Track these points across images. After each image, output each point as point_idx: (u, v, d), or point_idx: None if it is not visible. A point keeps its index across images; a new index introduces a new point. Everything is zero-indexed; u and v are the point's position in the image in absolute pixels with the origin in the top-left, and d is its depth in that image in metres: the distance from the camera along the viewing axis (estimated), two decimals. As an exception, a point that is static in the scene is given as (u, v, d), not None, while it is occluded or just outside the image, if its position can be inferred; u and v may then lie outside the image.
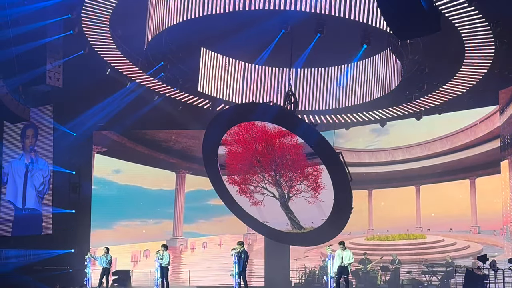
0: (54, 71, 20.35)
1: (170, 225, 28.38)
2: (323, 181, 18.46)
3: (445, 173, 24.81)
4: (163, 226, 28.34)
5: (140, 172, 28.40)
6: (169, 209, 28.46)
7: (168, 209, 28.45)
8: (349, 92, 23.19)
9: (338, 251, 17.92)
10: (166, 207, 28.42)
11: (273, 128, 18.65)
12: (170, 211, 28.45)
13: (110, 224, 28.13)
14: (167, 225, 28.36)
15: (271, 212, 19.98)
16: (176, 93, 24.69)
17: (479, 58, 20.09)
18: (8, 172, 27.64)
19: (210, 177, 20.78)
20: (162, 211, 28.44)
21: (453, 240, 24.60)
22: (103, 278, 21.31)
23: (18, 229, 27.03)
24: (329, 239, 19.41)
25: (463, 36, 18.59)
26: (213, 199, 26.20)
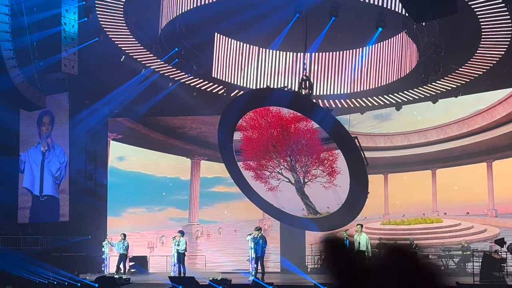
0: (69, 58, 20.42)
1: (185, 211, 28.48)
2: (338, 166, 18.40)
3: (461, 156, 24.65)
4: (178, 212, 28.45)
5: (154, 159, 28.53)
6: (184, 195, 28.55)
7: (182, 195, 28.54)
8: (364, 76, 23.07)
9: (355, 235, 17.85)
10: (181, 193, 28.52)
11: (288, 113, 18.58)
12: (184, 198, 28.54)
13: (125, 210, 28.30)
14: (181, 211, 28.46)
15: (286, 197, 19.97)
16: (191, 79, 24.69)
17: (496, 40, 19.89)
18: (25, 160, 27.81)
19: (225, 163, 20.79)
20: (177, 198, 28.54)
21: (470, 223, 24.49)
22: (120, 264, 21.47)
23: (36, 216, 27.24)
24: (345, 224, 19.39)
25: (479, 17, 18.40)
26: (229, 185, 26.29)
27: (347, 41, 22.15)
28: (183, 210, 28.50)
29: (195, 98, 25.49)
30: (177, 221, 28.10)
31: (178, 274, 19.98)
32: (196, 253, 27.49)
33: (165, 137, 28.50)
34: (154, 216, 28.43)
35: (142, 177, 28.51)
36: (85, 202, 26.46)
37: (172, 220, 28.18)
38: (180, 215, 28.41)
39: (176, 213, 28.45)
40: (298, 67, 22.66)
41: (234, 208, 27.55)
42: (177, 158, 28.64)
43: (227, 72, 23.40)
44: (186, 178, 28.70)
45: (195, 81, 24.82)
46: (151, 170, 28.72)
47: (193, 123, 28.46)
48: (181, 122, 28.64)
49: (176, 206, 28.57)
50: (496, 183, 23.80)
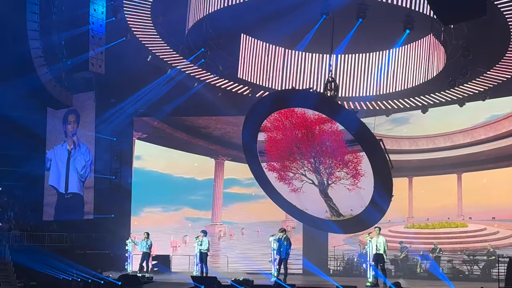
0: (97, 57, 20.59)
1: (208, 211, 28.56)
2: (363, 168, 18.24)
3: (488, 160, 24.36)
4: (201, 213, 28.52)
5: (176, 159, 28.67)
6: (208, 196, 28.64)
7: (206, 196, 28.63)
8: (390, 78, 22.90)
9: (374, 238, 17.82)
10: (204, 194, 28.61)
11: (313, 114, 18.48)
12: (208, 198, 28.62)
13: (143, 210, 28.48)
14: (205, 212, 28.54)
15: (310, 199, 19.87)
16: (216, 80, 24.78)
17: (525, 43, 19.62)
18: (51, 158, 28.15)
19: (249, 163, 20.77)
20: (200, 198, 28.62)
21: (495, 229, 24.19)
22: (143, 263, 21.58)
23: (60, 213, 27.54)
24: (369, 227, 19.21)
25: (508, 20, 18.16)
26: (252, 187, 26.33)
27: (374, 43, 22.01)
28: (198, 210, 28.54)
29: (220, 99, 25.55)
30: (193, 221, 28.16)
31: (201, 273, 20.04)
32: (218, 253, 27.54)
33: (189, 137, 28.62)
34: (170, 216, 28.56)
35: (159, 177, 28.62)
36: (110, 200, 26.72)
37: (189, 220, 28.25)
38: (196, 215, 28.45)
39: (192, 213, 28.53)
40: (324, 69, 22.60)
41: (257, 209, 27.55)
42: (194, 158, 28.66)
43: (252, 72, 23.40)
44: (202, 178, 28.72)
45: (220, 81, 24.90)
46: (167, 170, 28.84)
47: (217, 123, 28.54)
48: (205, 122, 28.73)
49: (191, 206, 28.63)
50: (523, 188, 23.49)
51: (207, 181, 28.77)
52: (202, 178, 28.86)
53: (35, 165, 27.36)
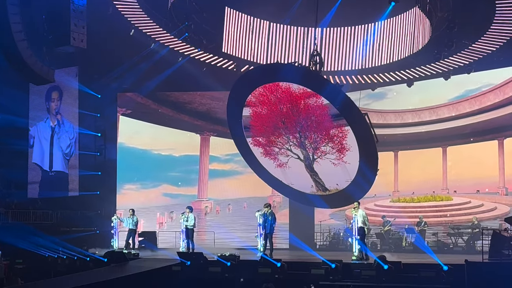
0: (78, 32, 20.20)
1: (194, 187, 28.47)
2: (348, 142, 18.23)
3: (473, 134, 24.43)
4: (186, 188, 28.42)
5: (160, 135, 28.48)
6: (194, 172, 28.54)
7: (192, 172, 28.53)
8: (375, 52, 22.78)
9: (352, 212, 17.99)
10: (190, 170, 28.50)
11: (298, 89, 18.38)
12: (194, 174, 28.52)
13: (134, 186, 28.34)
14: (190, 188, 28.45)
15: (295, 174, 19.87)
16: (200, 54, 24.49)
17: (510, 15, 19.52)
18: (34, 135, 27.85)
19: (234, 139, 20.69)
20: (187, 174, 28.52)
21: (480, 202, 24.35)
22: (129, 239, 21.56)
23: (45, 191, 27.35)
24: (354, 201, 19.24)
25: (494, -8, 18.05)
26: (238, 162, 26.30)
27: (358, 16, 21.83)
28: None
29: (204, 74, 25.29)
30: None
31: (187, 249, 20.04)
32: (205, 229, 27.53)
33: (174, 112, 28.39)
34: (161, 192, 28.45)
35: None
36: (94, 177, 26.55)
37: (180, 196, 28.13)
38: (188, 191, 28.36)
39: (184, 190, 28.43)
40: (309, 42, 22.41)
41: (243, 185, 27.51)
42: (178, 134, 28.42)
43: (237, 47, 23.17)
44: (180, 154, 28.58)
45: (205, 56, 24.63)
46: (159, 145, 28.66)
47: (202, 99, 28.32)
48: (190, 98, 28.49)
49: (183, 182, 28.53)
50: (507, 161, 23.60)
51: (187, 157, 28.55)
52: (179, 154, 28.64)
53: (18, 142, 27.04)
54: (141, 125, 28.51)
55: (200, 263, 17.71)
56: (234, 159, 27.42)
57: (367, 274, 15.75)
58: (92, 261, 19.74)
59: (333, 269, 15.97)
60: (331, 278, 15.89)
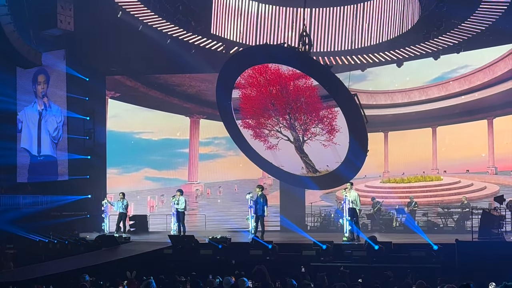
0: (65, 14, 20.03)
1: (185, 170, 28.42)
2: (338, 124, 18.21)
3: (462, 113, 24.46)
4: (177, 172, 28.36)
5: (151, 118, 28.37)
6: (184, 155, 28.46)
7: (182, 155, 28.45)
8: (365, 32, 22.69)
9: (344, 193, 18.05)
10: (179, 153, 28.42)
11: (288, 70, 18.29)
12: (184, 157, 28.45)
13: (124, 170, 28.25)
14: (181, 170, 28.39)
15: (286, 155, 19.85)
16: (189, 36, 24.30)
17: (500, -6, 19.48)
18: (22, 119, 27.63)
19: (224, 121, 20.61)
20: (176, 157, 28.44)
21: (469, 181, 24.46)
22: (120, 223, 21.50)
23: (34, 175, 27.19)
24: (345, 182, 19.29)
25: (483, -30, 17.96)
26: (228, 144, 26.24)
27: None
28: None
29: (193, 55, 25.13)
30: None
31: (178, 232, 20.04)
32: (195, 212, 27.53)
33: (163, 95, 28.21)
34: (151, 175, 28.39)
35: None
36: (84, 161, 26.42)
37: (170, 179, 28.04)
38: (179, 175, 28.29)
39: (174, 173, 28.35)
40: (298, 23, 22.28)
41: (234, 167, 27.49)
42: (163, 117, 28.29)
43: (226, 28, 23.02)
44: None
45: (193, 37, 24.43)
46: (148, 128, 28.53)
47: (191, 81, 28.15)
48: (179, 80, 28.32)
49: (174, 165, 28.45)
50: (497, 140, 23.69)
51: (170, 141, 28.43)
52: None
53: (6, 127, 26.83)
54: (129, 108, 28.34)
55: (191, 246, 17.75)
56: (224, 142, 27.36)
57: (358, 255, 15.85)
58: (83, 245, 19.72)
59: (324, 250, 16.05)
60: (322, 259, 15.98)
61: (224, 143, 27.50)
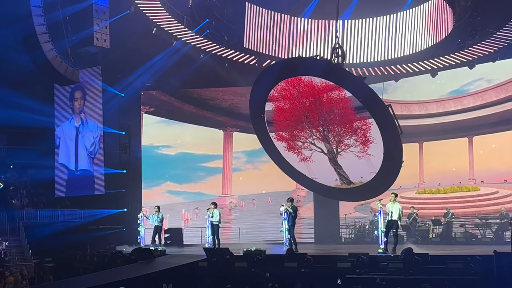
0: (101, 32, 20.45)
1: (219, 183, 28.56)
2: (372, 135, 18.12)
3: (499, 122, 24.05)
4: (212, 184, 28.51)
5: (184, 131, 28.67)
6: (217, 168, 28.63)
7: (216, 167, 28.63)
8: (398, 43, 22.60)
9: (388, 204, 17.69)
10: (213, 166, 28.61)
11: (321, 82, 18.32)
12: (218, 170, 28.61)
13: (159, 183, 28.53)
14: (216, 183, 28.54)
15: (319, 167, 19.82)
16: (222, 50, 24.54)
17: (535, 2, 19.24)
18: (60, 135, 28.21)
19: (257, 134, 20.70)
20: (210, 170, 28.62)
21: (508, 191, 24.01)
22: (155, 236, 21.67)
23: (71, 190, 27.68)
24: (379, 194, 19.16)
25: (517, -22, 17.78)
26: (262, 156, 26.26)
27: (380, 7, 21.68)
28: (216, 182, 28.53)
29: (226, 69, 25.37)
30: (210, 193, 28.08)
31: (213, 245, 20.11)
32: (230, 224, 27.61)
33: (197, 109, 28.49)
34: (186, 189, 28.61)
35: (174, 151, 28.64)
36: (120, 175, 26.78)
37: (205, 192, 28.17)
38: (214, 187, 28.43)
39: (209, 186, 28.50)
40: (330, 35, 22.32)
41: (267, 180, 27.50)
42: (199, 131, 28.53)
43: (258, 42, 23.19)
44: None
45: (226, 52, 24.66)
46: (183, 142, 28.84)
47: (225, 95, 28.36)
48: (213, 94, 28.57)
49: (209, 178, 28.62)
50: (536, 149, 23.27)
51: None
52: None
53: (45, 143, 27.45)
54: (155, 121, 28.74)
55: (226, 259, 17.75)
56: (258, 154, 27.42)
57: (394, 267, 15.65)
58: (119, 258, 19.90)
59: (360, 262, 15.90)
60: (357, 271, 15.83)
61: (257, 155, 27.54)
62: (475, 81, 24.90)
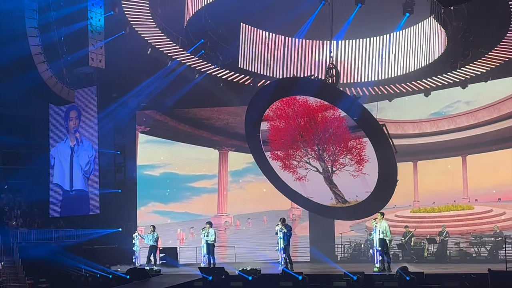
0: (97, 52, 20.54)
1: (214, 202, 28.56)
2: (367, 154, 18.23)
3: (492, 142, 24.27)
4: (207, 204, 28.49)
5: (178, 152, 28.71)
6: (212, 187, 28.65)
7: (211, 187, 28.65)
8: (391, 63, 22.82)
9: (375, 223, 17.90)
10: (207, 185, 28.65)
11: (315, 102, 18.47)
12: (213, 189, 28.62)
13: (153, 203, 28.50)
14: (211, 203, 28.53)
15: (315, 186, 19.87)
16: (217, 70, 24.71)
17: (526, 22, 19.49)
18: (55, 155, 28.20)
19: (253, 153, 20.77)
20: (205, 190, 28.63)
21: (502, 210, 24.13)
22: (150, 256, 21.62)
23: (66, 210, 27.61)
24: (374, 213, 19.22)
25: (509, 0, 18.03)
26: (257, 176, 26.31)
27: (374, 27, 21.91)
28: (211, 201, 28.55)
29: (222, 89, 25.51)
30: (204, 213, 28.02)
31: (208, 264, 20.08)
32: (225, 244, 27.57)
33: (192, 128, 28.59)
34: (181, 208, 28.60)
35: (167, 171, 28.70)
36: (115, 195, 26.74)
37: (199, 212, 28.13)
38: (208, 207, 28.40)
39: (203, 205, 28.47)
40: (325, 55, 22.52)
41: (263, 199, 27.52)
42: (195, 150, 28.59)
43: (253, 62, 23.36)
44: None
45: (221, 72, 24.83)
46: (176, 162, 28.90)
47: (220, 114, 28.49)
48: (208, 114, 28.69)
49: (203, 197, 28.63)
50: (529, 168, 23.43)
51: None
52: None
53: (39, 163, 27.42)
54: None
55: (221, 278, 17.74)
56: (253, 174, 27.48)
57: (390, 286, 15.67)
58: (114, 279, 19.84)
59: (355, 281, 15.91)
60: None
61: (253, 175, 27.60)
62: (454, 103, 25.23)
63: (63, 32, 20.93)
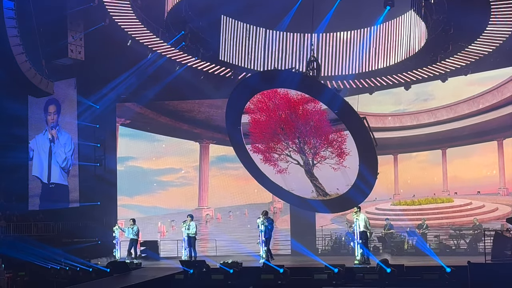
0: (76, 44, 20.36)
1: (195, 195, 28.47)
2: (347, 147, 18.27)
3: (472, 135, 24.46)
4: (188, 196, 28.40)
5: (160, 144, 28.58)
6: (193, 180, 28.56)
7: (191, 180, 28.56)
8: (372, 56, 22.86)
9: (354, 217, 18.08)
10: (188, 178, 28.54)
11: (296, 95, 18.45)
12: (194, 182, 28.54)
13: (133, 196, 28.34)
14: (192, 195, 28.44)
15: (296, 179, 19.88)
16: (198, 63, 24.57)
17: (506, 17, 19.60)
18: (34, 147, 27.92)
19: (234, 146, 20.72)
20: (185, 182, 28.54)
21: (481, 203, 24.35)
22: (131, 249, 21.56)
23: (45, 203, 27.38)
24: (355, 205, 19.29)
25: (488, -7, 18.12)
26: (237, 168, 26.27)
27: (354, 21, 21.92)
28: (192, 193, 28.44)
29: (202, 82, 25.38)
30: (185, 205, 27.89)
31: (189, 258, 20.07)
32: (206, 237, 27.52)
33: (173, 121, 28.44)
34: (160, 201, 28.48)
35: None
36: (95, 188, 26.57)
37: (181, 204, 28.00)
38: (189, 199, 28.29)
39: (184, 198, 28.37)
40: (306, 48, 22.50)
41: (244, 192, 27.51)
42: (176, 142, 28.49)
43: (234, 54, 23.26)
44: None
45: (202, 64, 24.70)
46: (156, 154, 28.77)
47: (201, 107, 28.38)
48: (189, 106, 28.54)
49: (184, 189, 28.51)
50: (507, 161, 23.63)
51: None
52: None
53: (18, 155, 27.10)
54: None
55: (202, 271, 17.71)
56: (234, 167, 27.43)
57: (370, 278, 15.75)
58: (94, 272, 19.73)
59: (336, 274, 15.97)
60: (334, 283, 15.90)
61: (233, 168, 27.55)
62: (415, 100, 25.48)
63: (42, 23, 20.69)
